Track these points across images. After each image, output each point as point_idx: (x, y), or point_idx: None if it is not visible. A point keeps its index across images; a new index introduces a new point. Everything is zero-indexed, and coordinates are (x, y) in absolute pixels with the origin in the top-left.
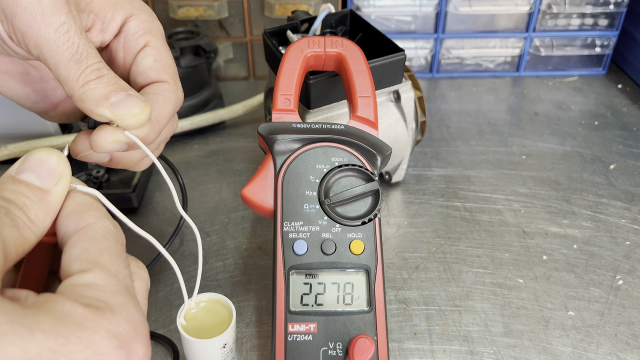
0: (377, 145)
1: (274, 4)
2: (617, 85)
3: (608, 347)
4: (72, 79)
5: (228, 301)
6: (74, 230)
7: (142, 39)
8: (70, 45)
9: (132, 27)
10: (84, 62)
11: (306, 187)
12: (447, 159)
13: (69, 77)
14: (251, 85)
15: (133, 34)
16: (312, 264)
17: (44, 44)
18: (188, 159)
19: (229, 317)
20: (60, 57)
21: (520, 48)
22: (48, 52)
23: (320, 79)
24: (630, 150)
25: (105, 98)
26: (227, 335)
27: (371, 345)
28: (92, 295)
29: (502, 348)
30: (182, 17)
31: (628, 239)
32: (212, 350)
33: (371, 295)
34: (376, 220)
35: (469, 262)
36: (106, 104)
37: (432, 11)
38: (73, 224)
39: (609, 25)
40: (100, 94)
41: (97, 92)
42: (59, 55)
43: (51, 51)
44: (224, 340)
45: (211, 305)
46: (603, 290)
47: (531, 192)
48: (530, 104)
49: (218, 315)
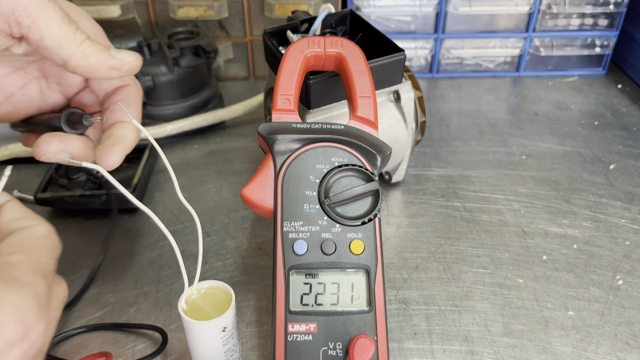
0: (377, 145)
1: (274, 4)
2: (617, 85)
3: (608, 347)
4: (69, 38)
5: (228, 287)
6: (16, 230)
7: None
8: (58, 9)
9: None
10: (74, 24)
11: (306, 187)
12: (447, 159)
13: (65, 37)
14: (251, 85)
15: None
16: (312, 264)
17: (36, 12)
18: (188, 159)
19: (230, 303)
20: (53, 20)
21: (520, 48)
22: (40, 18)
23: (320, 79)
24: (630, 150)
25: (107, 49)
26: (227, 318)
27: (371, 345)
28: (6, 271)
29: (502, 348)
30: (182, 17)
31: (628, 239)
32: (213, 333)
33: (371, 295)
34: (376, 220)
35: (469, 262)
36: (110, 54)
37: (432, 11)
38: (15, 228)
39: (609, 26)
40: (100, 47)
41: (97, 46)
42: (51, 19)
43: (44, 17)
44: (224, 323)
45: (212, 291)
46: (603, 290)
47: (531, 192)
48: (530, 104)
49: (219, 301)
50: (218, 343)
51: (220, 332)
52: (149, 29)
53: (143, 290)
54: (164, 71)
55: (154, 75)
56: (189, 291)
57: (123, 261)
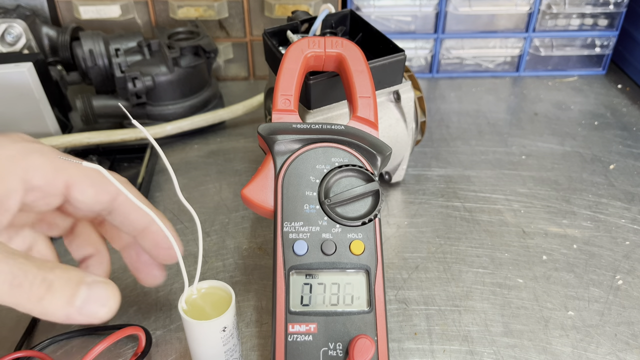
0: (377, 146)
1: (274, 4)
2: (617, 86)
3: (608, 347)
4: (23, 302)
5: (228, 287)
6: None
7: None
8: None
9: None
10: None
11: (306, 188)
12: (447, 159)
13: (19, 302)
14: (251, 85)
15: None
16: (312, 264)
17: None
18: (188, 159)
19: (230, 302)
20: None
21: (520, 48)
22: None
23: (320, 79)
24: (630, 150)
25: (69, 303)
26: (227, 318)
27: (371, 345)
28: None
29: (502, 348)
30: (182, 18)
31: (628, 239)
32: (213, 332)
33: (371, 296)
34: (376, 221)
35: (469, 262)
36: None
37: (432, 11)
38: None
39: (609, 26)
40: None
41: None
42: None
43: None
44: (224, 323)
45: (212, 291)
46: (603, 290)
47: (531, 192)
48: (530, 104)
49: (219, 301)
50: (218, 343)
51: (221, 331)
52: (149, 29)
53: (143, 290)
54: (164, 71)
55: (154, 75)
56: (189, 291)
57: (123, 261)
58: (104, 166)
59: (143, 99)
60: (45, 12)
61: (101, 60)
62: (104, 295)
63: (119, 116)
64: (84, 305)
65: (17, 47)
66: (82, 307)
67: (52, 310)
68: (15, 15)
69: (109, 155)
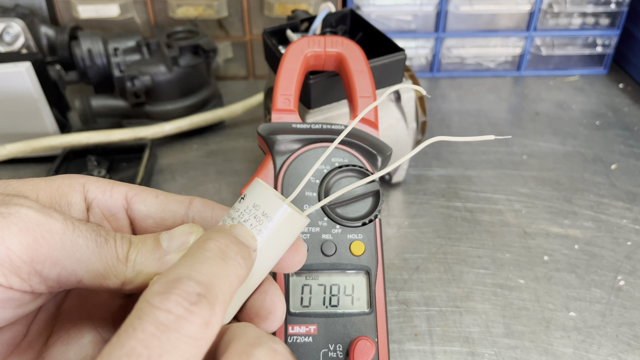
0: (377, 146)
1: (274, 3)
2: (619, 85)
3: (609, 348)
4: (112, 263)
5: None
6: None
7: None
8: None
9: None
10: (110, 238)
11: (306, 188)
12: (447, 159)
13: (107, 265)
14: (251, 84)
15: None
16: (312, 265)
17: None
18: (187, 159)
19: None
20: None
21: (521, 47)
22: (71, 260)
23: (320, 79)
24: (631, 150)
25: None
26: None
27: (372, 347)
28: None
29: (503, 349)
30: (181, 17)
31: (629, 239)
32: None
33: (372, 297)
34: (377, 221)
35: (470, 263)
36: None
37: (433, 10)
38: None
39: (611, 25)
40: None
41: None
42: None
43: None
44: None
45: None
46: (604, 291)
47: (532, 192)
48: (531, 103)
49: None
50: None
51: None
52: (148, 29)
53: None
54: (163, 71)
55: (153, 74)
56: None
57: None
58: (103, 166)
59: (142, 99)
60: (43, 12)
61: (100, 59)
62: (184, 229)
63: (118, 116)
64: (171, 243)
65: (15, 46)
66: (170, 244)
67: (142, 260)
68: (14, 14)
69: (108, 155)
